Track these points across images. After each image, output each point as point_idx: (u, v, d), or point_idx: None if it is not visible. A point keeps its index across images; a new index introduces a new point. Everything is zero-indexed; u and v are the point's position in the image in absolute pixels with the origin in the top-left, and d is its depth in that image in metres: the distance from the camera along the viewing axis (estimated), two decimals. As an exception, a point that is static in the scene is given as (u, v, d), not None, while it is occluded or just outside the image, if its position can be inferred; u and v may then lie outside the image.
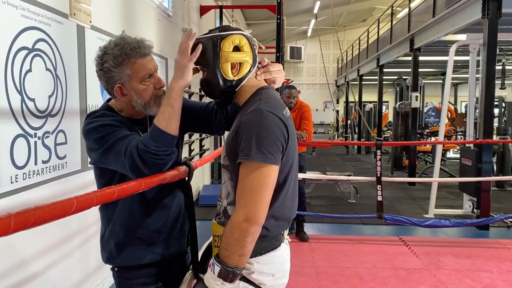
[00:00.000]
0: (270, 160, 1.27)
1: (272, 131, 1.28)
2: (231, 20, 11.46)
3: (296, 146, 1.43)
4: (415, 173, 8.86)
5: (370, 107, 15.54)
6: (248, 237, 1.25)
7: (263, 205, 1.27)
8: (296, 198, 1.49)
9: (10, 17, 2.24)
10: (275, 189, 1.33)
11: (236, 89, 1.44)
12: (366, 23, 19.20)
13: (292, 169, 1.39)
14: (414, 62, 8.53)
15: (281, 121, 1.32)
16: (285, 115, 1.37)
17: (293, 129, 1.42)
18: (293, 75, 22.85)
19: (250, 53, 1.41)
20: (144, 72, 1.48)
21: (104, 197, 1.03)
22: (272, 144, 1.27)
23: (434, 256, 4.31)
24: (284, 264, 1.44)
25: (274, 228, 1.38)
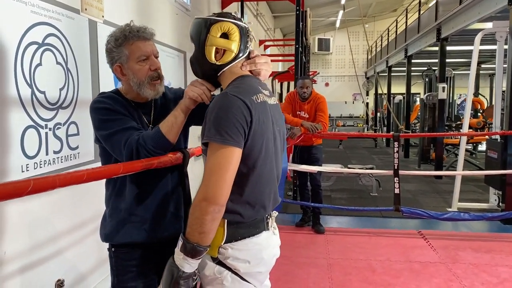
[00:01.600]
0: (228, 141, 1.30)
1: (232, 114, 1.31)
2: (256, 13, 11.47)
3: (268, 130, 1.43)
4: (442, 166, 8.64)
5: (400, 99, 15.21)
6: (207, 215, 1.28)
7: (221, 185, 1.29)
8: (274, 185, 1.50)
9: (19, 13, 2.33)
10: (245, 173, 1.37)
11: (217, 74, 1.49)
12: (397, 13, 18.76)
13: (262, 154, 1.40)
14: (441, 52, 8.30)
15: (244, 104, 1.34)
16: (254, 100, 1.38)
17: (267, 115, 1.43)
18: (321, 67, 22.64)
19: (237, 43, 1.45)
20: (140, 53, 1.59)
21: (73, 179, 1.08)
22: (230, 126, 1.30)
23: (452, 250, 4.22)
24: (262, 251, 1.45)
25: (249, 214, 1.41)
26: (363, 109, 20.34)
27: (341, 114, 21.28)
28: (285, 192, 6.22)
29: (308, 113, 4.81)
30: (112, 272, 1.69)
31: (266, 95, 1.48)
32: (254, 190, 1.41)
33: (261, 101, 1.41)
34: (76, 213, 2.93)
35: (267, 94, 1.50)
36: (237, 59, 1.47)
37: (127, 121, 1.56)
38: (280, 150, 1.55)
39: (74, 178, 1.07)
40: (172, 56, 4.80)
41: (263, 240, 1.46)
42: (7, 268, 2.29)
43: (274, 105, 1.53)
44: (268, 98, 1.48)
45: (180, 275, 1.33)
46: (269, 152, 1.44)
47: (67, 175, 1.05)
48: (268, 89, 1.54)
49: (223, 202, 1.30)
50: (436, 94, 8.75)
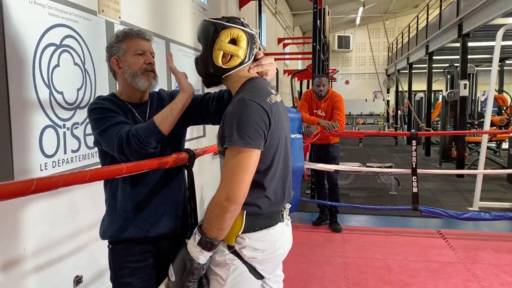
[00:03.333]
0: (250, 144, 1.38)
1: (253, 119, 1.40)
2: (274, 12, 11.46)
3: (283, 129, 1.54)
4: (464, 164, 8.48)
5: (421, 96, 14.96)
6: (228, 213, 1.37)
7: (242, 186, 1.38)
8: (287, 180, 1.60)
9: (37, 16, 2.40)
10: (264, 170, 1.47)
11: (222, 76, 1.56)
12: (418, 9, 18.45)
13: (278, 151, 1.50)
14: (463, 48, 8.13)
15: (262, 108, 1.43)
16: (269, 103, 1.47)
17: (280, 114, 1.52)
18: (341, 65, 22.47)
19: (245, 50, 1.52)
20: (136, 47, 1.70)
21: (77, 179, 1.10)
22: (252, 130, 1.39)
23: (472, 250, 4.14)
24: (277, 242, 1.55)
25: (267, 207, 1.51)
26: (383, 107, 20.10)
27: (361, 112, 21.09)
28: (302, 191, 6.20)
29: (324, 111, 4.79)
30: (110, 268, 1.76)
31: (274, 94, 1.55)
32: (271, 185, 1.50)
33: (274, 102, 1.49)
34: (94, 210, 2.99)
35: (274, 93, 1.57)
36: (243, 64, 1.54)
37: (119, 117, 1.62)
38: (289, 145, 1.63)
39: (78, 178, 1.10)
40: (189, 55, 4.84)
41: (278, 231, 1.55)
42: (27, 264, 2.36)
43: (280, 102, 1.60)
44: (277, 97, 1.56)
45: (196, 267, 1.43)
46: (283, 150, 1.54)
47: (70, 175, 1.07)
48: (274, 87, 1.61)
49: (242, 201, 1.40)
50: (457, 91, 8.58)
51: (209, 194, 5.51)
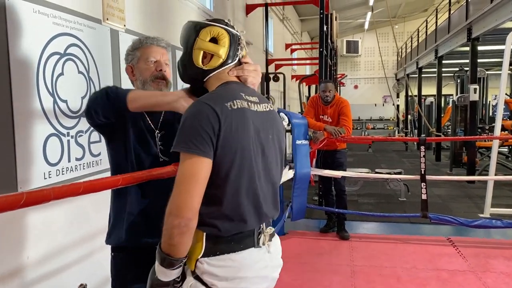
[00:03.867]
0: (193, 150, 1.24)
1: (199, 121, 1.26)
2: (282, 17, 11.47)
3: (247, 139, 1.33)
4: (475, 170, 8.36)
5: (431, 101, 14.83)
6: (174, 229, 1.23)
7: (186, 198, 1.23)
8: (266, 198, 1.41)
9: (41, 25, 2.41)
10: (219, 185, 1.30)
11: (203, 79, 1.44)
12: (427, 13, 18.35)
13: (236, 164, 1.31)
14: (472, 52, 8.05)
15: (213, 111, 1.27)
16: (228, 107, 1.30)
17: (249, 122, 1.35)
18: (350, 70, 22.40)
19: (226, 49, 1.40)
20: (150, 55, 1.73)
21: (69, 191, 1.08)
22: (196, 135, 1.25)
23: (483, 258, 4.06)
24: (242, 270, 1.34)
25: (227, 228, 1.33)
26: (393, 112, 19.96)
27: (370, 117, 20.98)
28: (310, 197, 6.16)
29: (331, 117, 4.75)
30: (112, 275, 1.77)
31: (252, 102, 1.40)
32: (231, 203, 1.32)
33: (238, 108, 1.32)
34: (100, 218, 2.98)
35: (253, 100, 1.41)
36: (224, 65, 1.42)
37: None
38: (274, 160, 1.46)
39: (70, 191, 1.06)
40: (195, 63, 4.84)
41: (246, 257, 1.35)
42: (30, 273, 2.36)
43: (264, 112, 1.44)
44: (254, 105, 1.40)
45: (156, 283, 1.31)
46: (248, 162, 1.34)
47: (62, 188, 1.04)
48: (258, 96, 1.47)
49: (191, 216, 1.23)
50: (467, 95, 8.48)
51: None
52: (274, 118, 1.49)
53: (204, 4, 5.42)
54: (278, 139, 1.49)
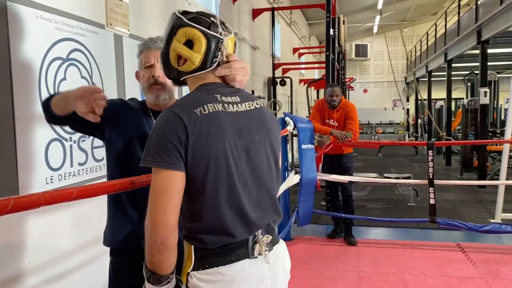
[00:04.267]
0: (161, 164, 1.18)
1: (164, 133, 1.19)
2: (289, 22, 11.46)
3: (222, 144, 1.24)
4: (486, 174, 8.23)
5: (441, 105, 14.70)
6: (151, 246, 1.18)
7: (159, 213, 1.17)
8: (244, 206, 1.29)
9: (44, 30, 2.42)
10: (196, 196, 1.24)
11: (180, 78, 1.36)
12: (437, 16, 18.22)
13: (211, 172, 1.22)
14: (482, 55, 7.95)
15: (179, 119, 1.19)
16: (199, 113, 1.22)
17: (223, 125, 1.25)
18: (359, 74, 22.31)
19: (200, 56, 1.29)
20: (145, 60, 1.71)
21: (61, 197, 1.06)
22: (162, 147, 1.18)
23: (493, 265, 3.97)
24: (233, 283, 1.25)
25: (213, 241, 1.25)
26: (403, 116, 19.81)
27: (380, 121, 20.83)
28: (317, 202, 6.11)
29: (337, 121, 4.71)
30: (109, 279, 1.76)
31: (229, 102, 1.30)
32: (211, 215, 1.25)
33: (210, 112, 1.23)
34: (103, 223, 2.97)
35: (232, 101, 1.31)
36: (199, 71, 1.31)
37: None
38: (265, 160, 1.35)
39: (62, 196, 1.04)
40: (200, 67, 4.84)
41: (237, 270, 1.26)
42: (32, 278, 2.35)
43: (248, 110, 1.34)
44: (233, 105, 1.30)
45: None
46: (226, 169, 1.24)
47: (54, 193, 1.02)
48: (241, 95, 1.36)
49: (165, 233, 1.17)
50: (478, 99, 8.38)
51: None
52: (261, 116, 1.37)
53: (210, 8, 5.42)
54: (269, 137, 1.37)
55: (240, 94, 1.36)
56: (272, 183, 1.39)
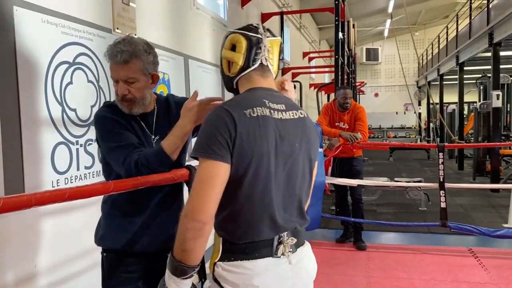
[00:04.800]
0: (211, 155, 1.24)
1: (216, 127, 1.27)
2: (299, 26, 11.45)
3: (265, 148, 1.30)
4: (499, 178, 8.10)
5: (453, 108, 14.52)
6: (187, 232, 1.22)
7: (201, 201, 1.23)
8: (274, 209, 1.34)
9: (50, 35, 2.44)
10: (233, 191, 1.29)
11: (232, 85, 1.47)
12: (448, 19, 18.06)
13: (250, 172, 1.28)
14: (495, 57, 7.84)
15: (231, 117, 1.27)
16: (248, 114, 1.29)
17: (269, 130, 1.32)
18: (370, 78, 22.19)
19: (242, 55, 1.40)
20: (111, 74, 1.63)
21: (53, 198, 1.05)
22: (214, 140, 1.25)
23: (506, 270, 3.89)
24: (254, 278, 1.30)
25: (240, 235, 1.32)
26: (415, 120, 19.63)
27: (392, 125, 20.68)
28: (327, 207, 6.06)
29: (348, 123, 4.66)
30: (102, 275, 1.75)
31: (275, 109, 1.37)
32: (243, 211, 1.31)
33: (258, 115, 1.30)
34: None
35: (278, 108, 1.38)
36: (244, 70, 1.41)
37: (127, 136, 1.60)
38: (300, 168, 1.41)
39: (54, 197, 1.03)
40: (209, 72, 4.85)
41: (260, 266, 1.32)
42: (38, 281, 2.36)
43: (292, 119, 1.41)
44: (278, 112, 1.37)
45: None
46: (264, 171, 1.30)
47: (45, 194, 1.00)
48: (286, 103, 1.43)
49: (205, 219, 1.22)
50: (490, 102, 8.26)
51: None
52: (304, 126, 1.44)
53: (218, 13, 5.44)
54: (307, 147, 1.43)
55: (286, 102, 1.43)
56: (302, 190, 1.43)
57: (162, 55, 3.69)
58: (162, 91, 3.71)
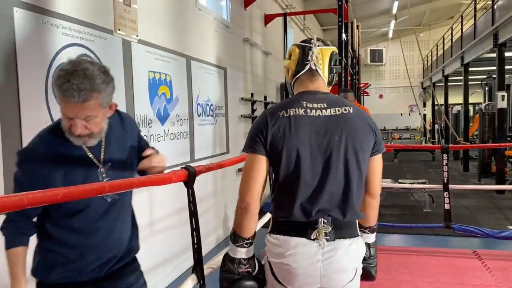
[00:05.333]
0: (247, 149, 1.59)
1: (255, 128, 1.60)
2: (303, 27, 11.44)
3: (296, 142, 1.51)
4: (505, 180, 8.04)
5: (458, 110, 14.44)
6: (237, 210, 1.56)
7: (244, 186, 1.56)
8: (306, 196, 1.53)
9: (51, 36, 2.44)
10: (275, 176, 1.60)
11: (291, 89, 1.75)
12: (453, 20, 17.98)
13: (283, 162, 1.53)
14: (499, 58, 7.79)
15: (264, 118, 1.58)
16: (281, 115, 1.55)
17: (300, 127, 1.52)
18: (374, 79, 22.10)
19: (294, 62, 1.67)
20: (63, 110, 1.43)
21: None
22: (252, 137, 1.58)
23: (511, 272, 3.85)
24: (288, 252, 1.54)
25: (279, 215, 1.60)
26: (420, 121, 19.53)
27: (396, 126, 20.60)
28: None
29: None
30: None
31: (313, 108, 1.56)
32: (279, 195, 1.60)
33: (290, 115, 1.54)
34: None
35: (317, 107, 1.57)
36: (295, 75, 1.68)
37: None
38: (342, 159, 1.54)
39: (47, 197, 0.91)
40: (211, 73, 4.85)
41: (292, 243, 1.54)
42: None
43: (332, 115, 1.56)
44: (316, 111, 1.56)
45: (227, 257, 1.61)
46: (296, 161, 1.52)
47: (38, 194, 0.86)
48: (329, 101, 1.59)
49: (249, 201, 1.53)
50: (495, 103, 8.20)
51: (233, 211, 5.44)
52: (347, 120, 1.56)
53: (221, 14, 5.43)
54: (352, 140, 1.55)
55: (329, 101, 1.60)
56: (345, 181, 1.56)
57: (164, 56, 3.68)
58: (164, 92, 3.70)
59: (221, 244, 4.96)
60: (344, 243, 1.55)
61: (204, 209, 4.62)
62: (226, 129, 5.33)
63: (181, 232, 3.80)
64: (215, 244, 4.90)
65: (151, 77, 3.46)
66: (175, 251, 3.88)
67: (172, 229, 3.82)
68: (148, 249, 3.45)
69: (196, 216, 1.71)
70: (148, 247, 3.45)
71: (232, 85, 5.50)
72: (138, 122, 3.29)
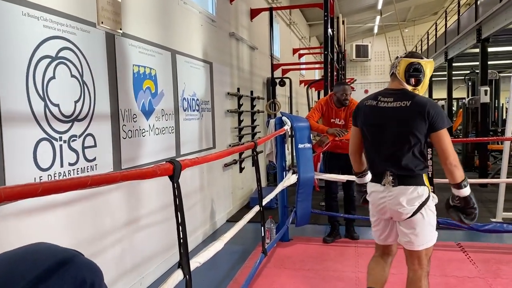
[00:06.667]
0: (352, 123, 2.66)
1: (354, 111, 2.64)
2: (289, 22, 11.41)
3: (369, 121, 2.48)
4: (487, 173, 8.16)
5: (442, 104, 14.61)
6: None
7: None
8: (374, 156, 2.49)
9: (31, 28, 2.38)
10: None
11: None
12: (437, 16, 18.15)
13: (363, 133, 2.52)
14: (482, 53, 7.89)
15: (358, 105, 2.61)
16: (365, 104, 2.50)
17: (374, 113, 2.43)
18: (360, 74, 22.24)
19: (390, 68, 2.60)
20: None
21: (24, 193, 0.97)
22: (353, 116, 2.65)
23: (494, 264, 3.91)
24: (370, 190, 2.54)
25: (369, 169, 2.61)
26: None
27: (381, 121, 20.78)
28: (317, 203, 6.04)
29: (344, 119, 4.62)
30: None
31: (383, 101, 2.40)
32: (365, 153, 2.60)
33: (366, 104, 2.48)
34: (94, 225, 2.94)
35: (386, 100, 2.39)
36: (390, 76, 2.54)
37: None
38: (393, 136, 2.36)
39: (26, 191, 0.94)
40: (197, 67, 4.80)
41: (372, 186, 2.52)
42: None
43: (394, 107, 2.35)
44: (384, 103, 2.39)
45: (355, 183, 2.83)
46: (368, 133, 2.48)
47: (16, 188, 0.91)
48: (396, 96, 2.36)
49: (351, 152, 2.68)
50: (478, 97, 8.31)
51: (220, 206, 5.44)
52: (402, 110, 2.32)
53: (207, 8, 5.38)
54: (403, 123, 2.31)
55: (396, 96, 2.36)
56: (394, 148, 2.36)
57: (148, 50, 3.64)
58: (149, 86, 3.66)
59: (208, 239, 4.94)
60: (404, 189, 2.34)
61: (191, 204, 4.59)
62: (213, 124, 5.29)
63: (167, 227, 3.78)
64: (202, 239, 4.87)
65: (135, 71, 3.41)
66: (162, 246, 3.85)
67: (159, 224, 3.78)
68: (135, 244, 3.42)
69: (182, 211, 1.70)
70: (135, 242, 3.42)
71: (218, 79, 5.46)
72: (122, 116, 3.25)
